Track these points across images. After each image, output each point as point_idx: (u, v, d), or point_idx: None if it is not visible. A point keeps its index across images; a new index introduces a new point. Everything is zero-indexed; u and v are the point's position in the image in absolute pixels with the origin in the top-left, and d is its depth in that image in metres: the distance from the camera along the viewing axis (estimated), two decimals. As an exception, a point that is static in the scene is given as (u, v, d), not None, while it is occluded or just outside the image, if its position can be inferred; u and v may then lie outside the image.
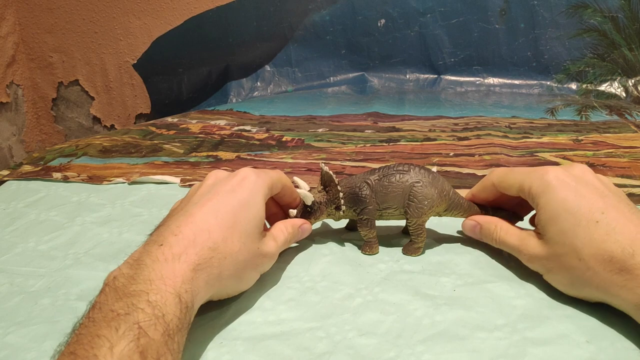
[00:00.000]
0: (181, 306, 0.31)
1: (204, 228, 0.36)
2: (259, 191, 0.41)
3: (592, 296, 0.38)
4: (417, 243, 0.46)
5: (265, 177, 0.42)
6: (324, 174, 0.47)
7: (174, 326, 0.30)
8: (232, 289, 0.39)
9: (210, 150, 0.76)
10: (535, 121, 0.86)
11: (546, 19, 1.05)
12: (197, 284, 0.33)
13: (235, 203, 0.39)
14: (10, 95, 1.26)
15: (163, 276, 0.32)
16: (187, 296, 0.32)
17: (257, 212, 0.40)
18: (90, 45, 1.26)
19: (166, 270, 0.32)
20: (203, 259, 0.35)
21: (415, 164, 0.46)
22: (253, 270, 0.40)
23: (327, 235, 0.49)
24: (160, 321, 0.29)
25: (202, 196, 0.39)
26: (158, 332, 0.29)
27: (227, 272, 0.36)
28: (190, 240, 0.35)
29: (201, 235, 0.36)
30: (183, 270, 0.33)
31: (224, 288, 0.38)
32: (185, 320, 0.31)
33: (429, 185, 0.45)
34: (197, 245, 0.35)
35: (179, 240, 0.35)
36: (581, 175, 0.41)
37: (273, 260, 0.42)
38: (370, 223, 0.46)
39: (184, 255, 0.34)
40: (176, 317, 0.30)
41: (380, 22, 1.10)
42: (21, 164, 0.72)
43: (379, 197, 0.45)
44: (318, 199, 0.46)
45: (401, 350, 0.36)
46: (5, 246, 0.50)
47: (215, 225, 0.37)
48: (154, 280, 0.31)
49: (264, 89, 1.15)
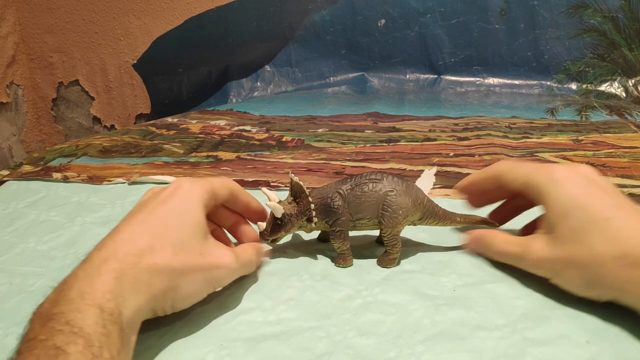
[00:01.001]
0: (104, 315, 0.30)
1: (128, 238, 0.35)
2: (194, 198, 0.39)
3: (603, 295, 0.38)
4: (392, 254, 0.45)
5: (203, 183, 0.41)
6: (294, 184, 0.45)
7: (98, 336, 0.29)
8: (176, 301, 0.37)
9: (210, 151, 0.76)
10: (535, 121, 0.86)
11: (546, 19, 1.05)
12: (121, 290, 0.32)
13: (164, 212, 0.37)
14: (10, 96, 1.26)
15: (83, 292, 0.31)
16: (110, 304, 0.31)
17: (192, 219, 0.38)
18: (90, 45, 1.26)
19: (86, 286, 0.31)
20: (126, 264, 0.33)
21: (389, 172, 0.45)
22: (200, 282, 0.37)
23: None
24: (78, 336, 0.29)
25: (132, 213, 0.38)
26: (79, 345, 0.28)
27: (160, 281, 0.34)
28: (112, 252, 0.34)
29: (124, 246, 0.34)
30: (103, 281, 0.32)
31: (162, 298, 0.35)
32: (112, 327, 0.30)
33: (402, 194, 0.44)
34: (119, 254, 0.33)
35: (101, 254, 0.33)
36: (588, 174, 0.41)
37: (230, 273, 0.40)
38: (343, 235, 0.44)
39: (104, 267, 0.32)
40: (99, 326, 0.30)
41: (380, 22, 1.10)
42: (21, 164, 0.72)
43: (352, 208, 0.44)
44: (288, 211, 0.44)
45: (401, 351, 0.36)
46: (5, 246, 0.50)
47: (142, 234, 0.35)
48: (74, 298, 0.30)
49: (264, 89, 1.15)
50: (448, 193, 0.59)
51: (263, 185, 0.62)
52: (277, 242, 0.47)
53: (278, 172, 0.67)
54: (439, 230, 0.49)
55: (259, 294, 0.42)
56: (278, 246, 0.48)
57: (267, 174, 0.66)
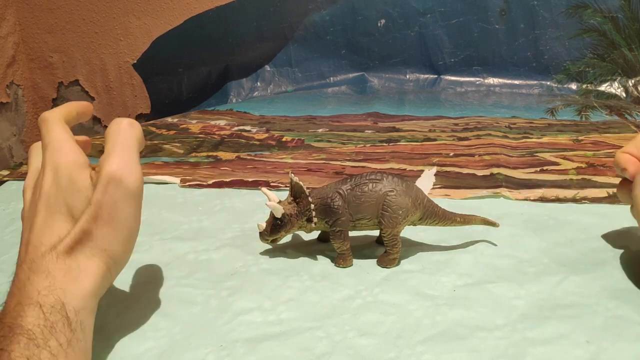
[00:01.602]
0: (44, 309, 0.31)
1: (35, 243, 0.34)
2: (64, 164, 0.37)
3: None
4: (392, 254, 0.45)
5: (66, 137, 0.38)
6: (294, 184, 0.45)
7: (40, 329, 0.30)
8: (118, 252, 0.36)
9: (210, 151, 0.76)
10: (535, 121, 0.86)
11: (546, 19, 1.04)
12: (57, 283, 0.32)
13: (47, 198, 0.36)
14: (10, 96, 1.26)
15: (19, 301, 0.31)
16: (49, 299, 0.31)
17: (68, 179, 0.36)
18: (90, 45, 1.26)
19: (21, 297, 0.32)
20: (49, 262, 0.33)
21: (389, 172, 0.45)
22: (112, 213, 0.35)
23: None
24: (19, 334, 0.29)
25: (27, 217, 0.37)
26: (21, 343, 0.29)
27: (86, 258, 0.34)
28: (30, 259, 0.34)
29: (36, 250, 0.34)
30: (35, 285, 0.32)
31: (105, 267, 0.34)
32: (55, 317, 0.31)
33: (402, 194, 0.44)
34: (37, 259, 0.33)
35: (23, 268, 0.33)
36: None
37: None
38: (343, 235, 0.44)
39: (32, 275, 0.32)
40: (41, 320, 0.30)
41: (380, 22, 1.10)
42: (21, 164, 0.72)
43: (352, 208, 0.44)
44: (288, 211, 0.44)
45: (401, 351, 0.36)
46: (5, 246, 0.50)
47: (42, 229, 0.35)
48: (13, 308, 0.31)
49: (264, 89, 1.15)
50: (448, 193, 0.60)
51: (263, 185, 0.62)
52: (277, 242, 0.47)
53: (278, 172, 0.67)
54: (439, 230, 0.49)
55: (258, 295, 0.42)
56: (278, 246, 0.48)
57: (267, 174, 0.66)
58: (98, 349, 0.34)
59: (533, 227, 0.51)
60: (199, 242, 0.50)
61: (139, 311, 0.40)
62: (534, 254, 0.47)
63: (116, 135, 0.37)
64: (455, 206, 0.49)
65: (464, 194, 0.59)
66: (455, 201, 0.57)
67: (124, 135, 0.37)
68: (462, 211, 0.48)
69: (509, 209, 0.55)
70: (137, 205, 0.37)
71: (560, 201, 0.57)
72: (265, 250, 0.48)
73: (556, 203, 0.56)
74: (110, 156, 0.36)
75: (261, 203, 0.47)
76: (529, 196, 0.58)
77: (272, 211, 0.45)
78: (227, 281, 0.44)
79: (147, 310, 0.40)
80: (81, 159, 0.37)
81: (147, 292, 0.43)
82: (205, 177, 0.65)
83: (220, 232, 0.51)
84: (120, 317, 0.39)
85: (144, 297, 0.42)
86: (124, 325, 0.38)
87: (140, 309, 0.41)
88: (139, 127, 0.39)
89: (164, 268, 0.45)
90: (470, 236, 0.49)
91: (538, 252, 0.47)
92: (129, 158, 0.36)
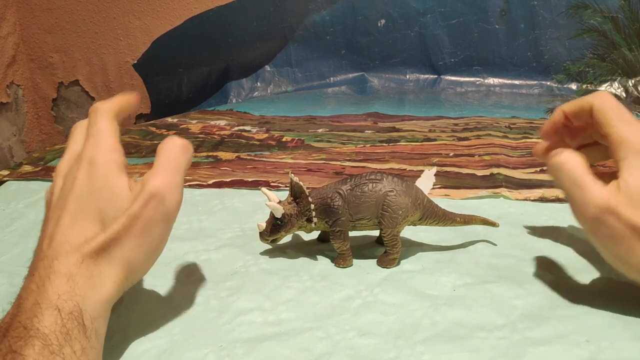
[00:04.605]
0: (62, 314, 0.30)
1: (62, 240, 0.34)
2: (109, 169, 0.36)
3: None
4: (392, 254, 0.45)
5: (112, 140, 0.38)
6: (294, 184, 0.45)
7: (56, 335, 0.30)
8: (138, 268, 0.36)
9: (210, 151, 0.76)
10: (535, 121, 0.86)
11: (546, 20, 1.04)
12: (77, 290, 0.32)
13: (83, 195, 0.35)
14: (10, 96, 1.26)
15: (37, 301, 0.31)
16: (68, 304, 0.31)
17: (110, 188, 0.36)
18: (90, 45, 1.26)
19: (39, 296, 0.31)
20: (72, 265, 0.33)
21: (388, 173, 0.45)
22: (145, 235, 0.35)
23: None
24: (35, 337, 0.29)
25: (54, 207, 0.36)
26: (35, 346, 0.29)
27: (109, 268, 0.34)
28: (53, 256, 0.33)
29: (62, 247, 0.33)
30: (55, 287, 0.32)
31: (124, 277, 0.34)
32: (72, 324, 0.30)
33: (402, 194, 0.44)
34: (61, 257, 0.33)
35: (44, 263, 0.33)
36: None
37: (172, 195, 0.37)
38: (343, 235, 0.44)
39: (52, 275, 0.32)
40: (58, 325, 0.30)
41: (380, 22, 1.10)
42: (21, 164, 0.72)
43: (352, 208, 0.44)
44: (288, 211, 0.44)
45: (401, 351, 0.36)
46: (5, 246, 0.50)
47: (74, 228, 0.34)
48: (30, 308, 0.31)
49: (264, 89, 1.15)
50: (448, 193, 0.60)
51: (263, 185, 0.62)
52: (277, 242, 0.47)
53: (278, 172, 0.67)
54: (439, 230, 0.49)
55: (258, 295, 0.42)
56: (278, 246, 0.48)
57: (267, 174, 0.66)
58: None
59: (533, 227, 0.51)
60: (198, 242, 0.50)
61: (138, 311, 0.40)
62: (533, 254, 0.47)
63: (168, 154, 0.38)
64: (455, 206, 0.49)
65: (463, 194, 0.59)
66: (455, 201, 0.57)
67: (175, 156, 0.38)
68: (462, 211, 0.48)
69: (509, 209, 0.55)
70: (170, 226, 0.37)
71: (560, 201, 0.57)
72: (265, 251, 0.48)
73: (556, 203, 0.56)
74: (159, 173, 0.36)
75: (261, 203, 0.47)
76: (529, 196, 0.58)
77: (272, 211, 0.45)
78: (227, 281, 0.44)
79: (147, 311, 0.40)
80: (120, 159, 0.37)
81: (147, 292, 0.43)
82: (205, 177, 0.65)
83: (220, 232, 0.51)
84: (120, 318, 0.39)
85: (143, 297, 0.42)
86: (124, 325, 0.38)
87: (140, 309, 0.41)
88: (191, 150, 0.39)
89: (164, 268, 0.45)
90: (470, 236, 0.49)
91: (538, 252, 0.47)
92: (175, 179, 0.37)
